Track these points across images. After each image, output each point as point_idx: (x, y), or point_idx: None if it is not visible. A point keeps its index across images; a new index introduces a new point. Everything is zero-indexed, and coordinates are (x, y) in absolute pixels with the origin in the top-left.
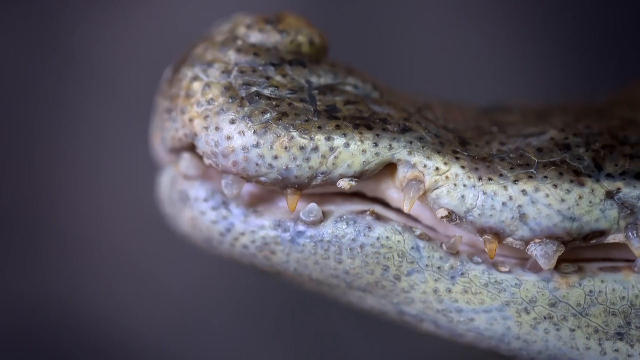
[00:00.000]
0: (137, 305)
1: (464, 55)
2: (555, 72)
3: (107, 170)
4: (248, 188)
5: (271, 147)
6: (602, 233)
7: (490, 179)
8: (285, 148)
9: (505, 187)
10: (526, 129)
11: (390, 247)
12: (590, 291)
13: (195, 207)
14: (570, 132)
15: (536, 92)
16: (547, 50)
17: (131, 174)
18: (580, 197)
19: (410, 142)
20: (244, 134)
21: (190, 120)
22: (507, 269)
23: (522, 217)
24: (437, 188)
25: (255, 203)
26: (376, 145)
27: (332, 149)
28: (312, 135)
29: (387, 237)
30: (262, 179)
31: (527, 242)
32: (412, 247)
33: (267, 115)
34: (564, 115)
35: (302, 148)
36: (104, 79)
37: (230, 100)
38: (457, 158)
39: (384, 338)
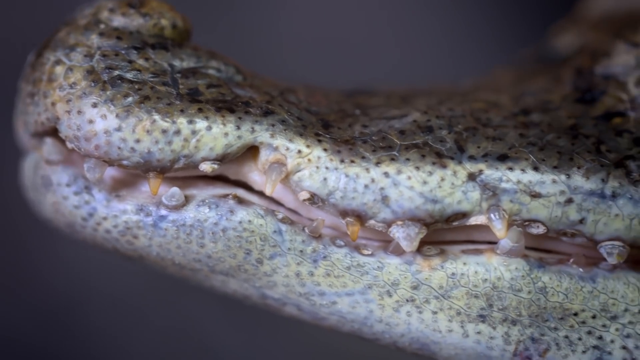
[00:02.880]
0: None
1: (333, 40)
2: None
3: None
4: (111, 172)
5: (133, 131)
6: (465, 215)
7: (352, 162)
8: (148, 131)
9: (367, 169)
10: (389, 111)
11: (253, 231)
12: (453, 274)
13: (58, 192)
14: (433, 114)
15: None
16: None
17: None
18: (442, 179)
19: (273, 125)
20: (106, 118)
21: (53, 104)
22: (370, 252)
23: (384, 199)
24: (299, 171)
25: (118, 187)
26: (238, 128)
27: (194, 132)
28: (175, 119)
29: (250, 220)
30: (125, 162)
31: (389, 224)
32: (275, 231)
33: (130, 99)
34: (427, 98)
35: (164, 131)
36: None
37: (93, 84)
38: (319, 141)
39: (249, 324)
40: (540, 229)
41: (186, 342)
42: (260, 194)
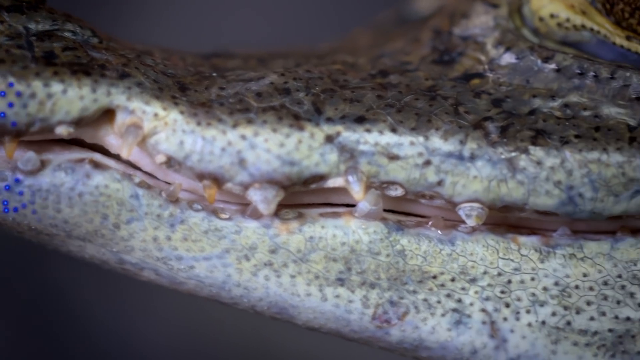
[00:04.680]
0: None
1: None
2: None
3: None
4: None
5: None
6: (322, 177)
7: (209, 124)
8: (2, 95)
9: (224, 132)
10: (246, 74)
11: (109, 196)
12: (311, 237)
13: None
14: (290, 76)
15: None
16: None
17: None
18: (299, 142)
19: (129, 88)
20: None
21: None
22: (228, 216)
23: (242, 162)
24: (156, 134)
25: None
26: (94, 91)
27: (49, 96)
28: (30, 82)
29: (106, 185)
30: None
31: (246, 187)
32: (131, 195)
33: None
34: (284, 60)
35: (19, 95)
36: None
37: None
38: (176, 104)
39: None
40: (398, 191)
41: (52, 308)
42: (117, 158)
